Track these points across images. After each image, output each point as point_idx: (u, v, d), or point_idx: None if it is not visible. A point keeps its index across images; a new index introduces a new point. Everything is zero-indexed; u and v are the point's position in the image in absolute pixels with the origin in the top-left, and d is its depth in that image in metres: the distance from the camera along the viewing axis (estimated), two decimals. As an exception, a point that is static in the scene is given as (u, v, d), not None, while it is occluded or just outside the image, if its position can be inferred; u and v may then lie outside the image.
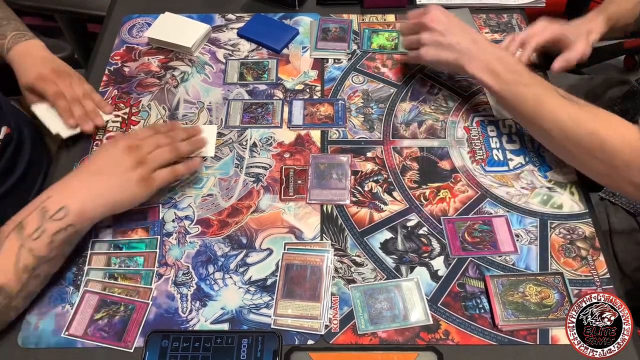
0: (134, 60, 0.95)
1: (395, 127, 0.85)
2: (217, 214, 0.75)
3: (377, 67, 0.93)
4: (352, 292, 0.68)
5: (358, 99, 0.88)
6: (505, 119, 0.85)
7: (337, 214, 0.75)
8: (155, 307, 0.67)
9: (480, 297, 0.67)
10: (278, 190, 0.77)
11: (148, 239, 0.73)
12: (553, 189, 0.77)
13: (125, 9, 1.04)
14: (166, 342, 0.62)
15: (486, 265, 0.70)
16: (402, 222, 0.74)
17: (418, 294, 0.67)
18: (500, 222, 0.73)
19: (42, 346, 0.64)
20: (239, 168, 0.80)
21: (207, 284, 0.69)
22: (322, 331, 0.64)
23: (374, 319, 0.65)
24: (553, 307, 0.65)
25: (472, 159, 0.81)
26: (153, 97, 0.89)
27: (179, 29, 0.96)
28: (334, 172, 0.79)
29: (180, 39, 0.94)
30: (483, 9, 1.03)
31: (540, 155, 0.81)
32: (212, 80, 0.92)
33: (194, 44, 0.94)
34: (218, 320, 0.66)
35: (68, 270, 0.70)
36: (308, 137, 0.84)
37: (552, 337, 0.64)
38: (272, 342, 0.62)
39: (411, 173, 0.79)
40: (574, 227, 0.73)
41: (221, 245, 0.72)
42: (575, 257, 0.70)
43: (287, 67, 0.94)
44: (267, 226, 0.74)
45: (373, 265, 0.70)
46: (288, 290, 0.68)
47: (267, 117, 0.86)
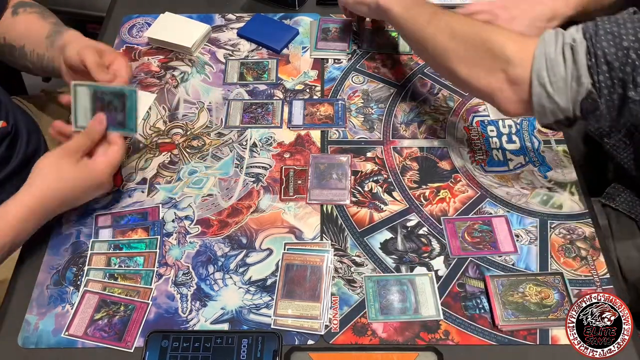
0: (134, 60, 0.95)
1: (395, 127, 0.85)
2: (217, 214, 0.75)
3: (377, 67, 0.93)
4: (365, 281, 0.68)
5: (358, 99, 0.88)
6: (501, 118, 0.85)
7: (337, 214, 0.75)
8: (155, 307, 0.67)
9: (480, 297, 0.67)
10: (278, 190, 0.77)
11: (148, 239, 0.73)
12: (553, 189, 0.77)
13: (125, 9, 1.04)
14: (166, 342, 0.62)
15: (486, 265, 0.70)
16: (402, 222, 0.74)
17: (431, 288, 0.67)
18: (500, 222, 0.73)
19: (42, 346, 0.64)
20: (239, 168, 0.80)
21: (207, 284, 0.69)
22: (322, 331, 0.64)
23: (384, 309, 0.66)
24: (553, 307, 0.65)
25: (472, 159, 0.81)
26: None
27: (179, 29, 0.96)
28: (334, 172, 0.79)
29: (180, 39, 0.94)
30: (483, 9, 1.02)
31: (540, 155, 0.81)
32: (212, 80, 0.92)
33: (194, 44, 0.94)
34: (218, 321, 0.66)
35: (68, 270, 0.70)
36: (308, 137, 0.84)
37: (552, 337, 0.64)
38: (272, 342, 0.62)
39: (411, 173, 0.79)
40: (574, 227, 0.73)
41: (221, 245, 0.72)
42: (575, 257, 0.70)
43: (287, 67, 0.94)
44: (267, 226, 0.74)
45: (373, 265, 0.70)
46: (288, 290, 0.68)
47: (267, 117, 0.86)
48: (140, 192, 0.78)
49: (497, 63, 0.65)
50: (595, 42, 0.59)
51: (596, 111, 0.61)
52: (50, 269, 0.70)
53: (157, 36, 0.95)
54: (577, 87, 0.60)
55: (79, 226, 0.74)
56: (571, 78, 0.60)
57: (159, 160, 0.81)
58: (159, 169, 0.80)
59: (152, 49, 0.97)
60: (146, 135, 0.84)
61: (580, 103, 0.61)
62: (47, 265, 0.70)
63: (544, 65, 0.61)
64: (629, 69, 0.58)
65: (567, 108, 0.62)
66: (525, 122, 0.85)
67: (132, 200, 0.77)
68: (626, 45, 0.58)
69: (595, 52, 0.59)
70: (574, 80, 0.60)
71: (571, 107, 0.62)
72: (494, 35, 0.67)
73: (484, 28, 0.69)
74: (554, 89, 0.61)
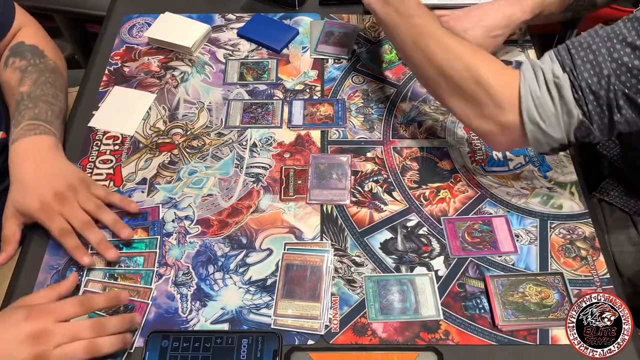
0: (134, 60, 0.95)
1: (395, 127, 0.85)
2: (217, 214, 0.75)
3: (377, 67, 0.93)
4: (365, 281, 0.68)
5: (358, 99, 0.88)
6: None
7: (337, 214, 0.75)
8: (155, 307, 0.67)
9: (480, 297, 0.67)
10: (278, 190, 0.77)
11: (148, 239, 0.73)
12: (553, 189, 0.77)
13: (125, 9, 1.04)
14: (166, 342, 0.62)
15: (486, 265, 0.70)
16: (402, 222, 0.74)
17: (431, 288, 0.67)
18: (500, 222, 0.73)
19: (42, 346, 0.64)
20: (239, 168, 0.80)
21: (207, 284, 0.69)
22: (322, 331, 0.64)
23: (384, 309, 0.66)
24: (553, 307, 0.65)
25: (472, 159, 0.81)
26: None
27: (179, 29, 0.96)
28: (334, 172, 0.79)
29: (180, 39, 0.94)
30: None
31: (540, 155, 0.81)
32: (212, 80, 0.92)
33: (194, 44, 0.94)
34: (218, 321, 0.66)
35: (68, 270, 0.70)
36: (308, 137, 0.84)
37: (552, 337, 0.64)
38: (272, 342, 0.62)
39: (411, 173, 0.79)
40: (574, 227, 0.73)
41: (221, 245, 0.72)
42: (575, 257, 0.70)
43: (287, 67, 0.94)
44: (267, 226, 0.74)
45: (373, 265, 0.70)
46: (288, 290, 0.68)
47: (267, 117, 0.86)
48: (140, 192, 0.77)
49: (487, 109, 0.66)
50: (577, 75, 0.61)
51: (590, 135, 0.64)
52: (50, 269, 0.70)
53: (157, 36, 0.95)
54: (568, 119, 0.63)
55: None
56: (561, 112, 0.62)
57: (159, 160, 0.81)
58: (159, 169, 0.80)
59: (152, 49, 0.97)
60: (146, 135, 0.84)
61: (574, 132, 0.64)
62: (47, 265, 0.70)
63: (532, 104, 0.63)
64: (612, 95, 0.60)
65: (562, 138, 0.64)
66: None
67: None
68: (607, 73, 0.59)
69: (580, 85, 0.61)
70: (564, 114, 0.62)
71: (565, 136, 0.64)
72: (484, 74, 0.66)
73: (470, 63, 0.67)
74: (547, 125, 0.63)
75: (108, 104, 0.88)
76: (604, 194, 0.88)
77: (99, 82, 0.92)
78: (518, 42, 0.96)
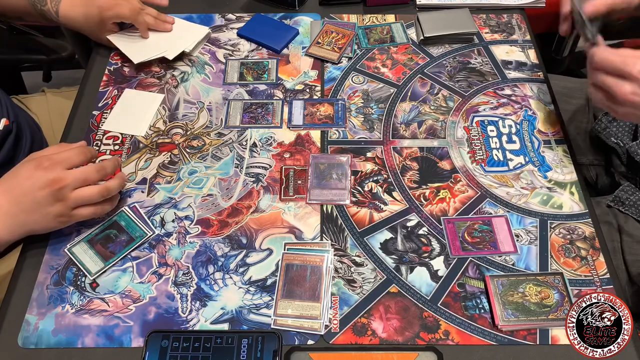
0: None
1: (395, 127, 0.85)
2: (217, 214, 0.75)
3: (377, 67, 0.93)
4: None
5: (358, 99, 0.88)
6: (501, 118, 0.85)
7: (337, 214, 0.75)
8: (155, 307, 0.67)
9: (480, 297, 0.67)
10: (278, 190, 0.77)
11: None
12: (553, 189, 0.77)
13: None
14: (166, 342, 0.62)
15: (486, 265, 0.70)
16: (402, 222, 0.74)
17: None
18: (500, 222, 0.73)
19: (41, 346, 0.64)
20: (239, 168, 0.80)
21: (207, 284, 0.69)
22: (322, 331, 0.64)
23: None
24: (553, 307, 0.65)
25: (472, 159, 0.81)
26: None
27: (178, 31, 0.96)
28: (334, 172, 0.79)
29: (178, 44, 0.93)
30: (483, 9, 1.03)
31: (540, 155, 0.81)
32: (212, 80, 0.92)
33: (193, 48, 0.94)
34: (218, 321, 0.66)
35: (68, 270, 0.70)
36: (308, 137, 0.84)
37: (552, 337, 0.64)
38: (272, 342, 0.62)
39: (411, 173, 0.79)
40: (574, 227, 0.73)
41: (221, 245, 0.72)
42: (575, 257, 0.70)
43: (287, 67, 0.94)
44: (267, 226, 0.74)
45: (373, 265, 0.70)
46: (288, 290, 0.68)
47: (267, 117, 0.86)
48: (140, 192, 0.78)
49: None
50: None
51: None
52: (50, 269, 0.70)
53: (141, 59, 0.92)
54: None
55: (79, 226, 0.74)
56: None
57: (158, 160, 0.81)
58: (158, 169, 0.80)
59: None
60: (146, 135, 0.84)
61: None
62: (47, 265, 0.70)
63: None
64: None
65: None
66: (525, 122, 0.85)
67: (132, 200, 0.76)
68: None
69: None
70: None
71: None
72: None
73: None
74: None
75: (119, 107, 0.88)
76: (618, 204, 0.86)
77: (99, 82, 0.92)
78: (518, 42, 0.96)
